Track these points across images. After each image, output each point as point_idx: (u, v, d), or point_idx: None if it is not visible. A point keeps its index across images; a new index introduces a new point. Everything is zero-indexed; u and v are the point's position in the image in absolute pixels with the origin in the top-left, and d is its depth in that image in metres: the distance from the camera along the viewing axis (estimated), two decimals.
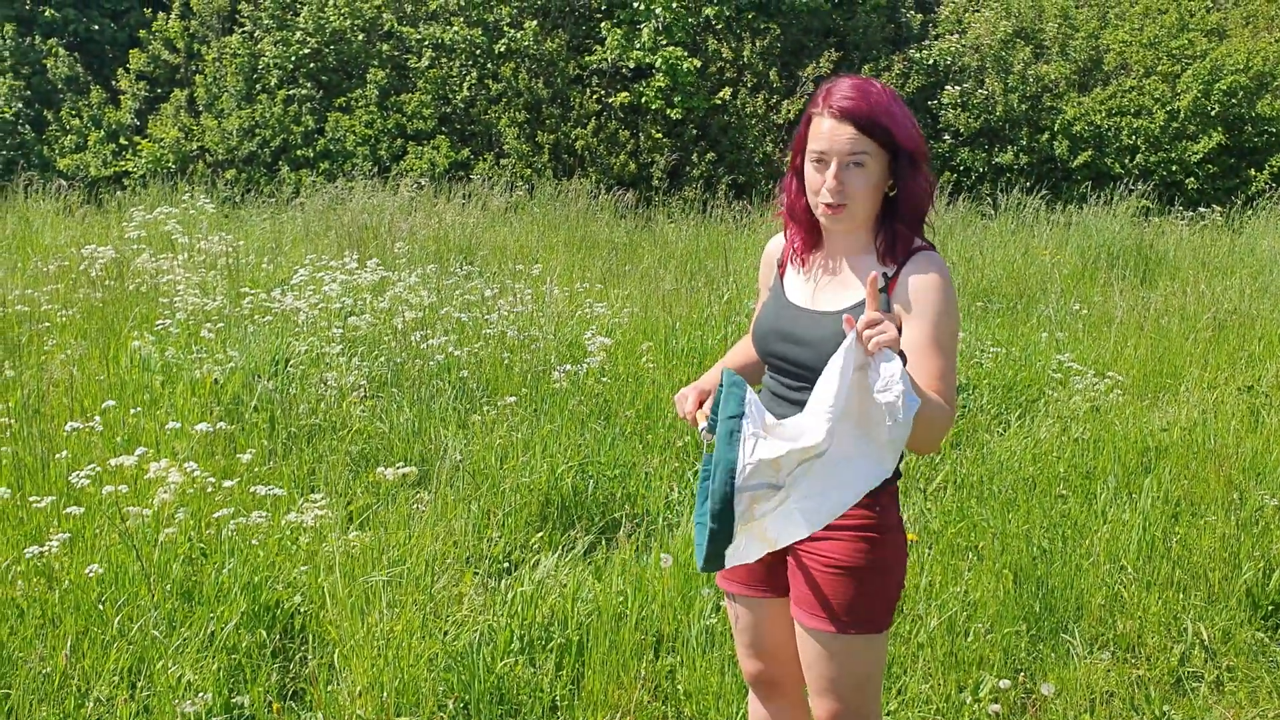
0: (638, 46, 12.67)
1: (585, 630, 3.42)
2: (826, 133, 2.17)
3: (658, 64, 12.52)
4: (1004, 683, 3.38)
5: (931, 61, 13.54)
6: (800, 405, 2.09)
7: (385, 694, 2.95)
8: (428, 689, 3.06)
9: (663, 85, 12.52)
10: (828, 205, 2.19)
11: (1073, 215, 11.57)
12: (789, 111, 12.82)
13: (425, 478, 4.53)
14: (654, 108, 12.60)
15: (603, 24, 13.05)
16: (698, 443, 5.08)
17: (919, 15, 14.20)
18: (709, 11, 12.79)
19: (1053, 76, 13.40)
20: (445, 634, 3.33)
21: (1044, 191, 12.46)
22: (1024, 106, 13.40)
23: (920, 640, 3.53)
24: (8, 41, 13.00)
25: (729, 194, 12.36)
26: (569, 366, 5.55)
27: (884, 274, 2.21)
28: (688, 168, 12.78)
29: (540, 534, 4.16)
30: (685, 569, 3.72)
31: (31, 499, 3.78)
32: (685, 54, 12.53)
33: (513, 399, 5.13)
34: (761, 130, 12.86)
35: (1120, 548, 4.13)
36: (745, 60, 12.91)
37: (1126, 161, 13.23)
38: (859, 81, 2.20)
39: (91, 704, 3.00)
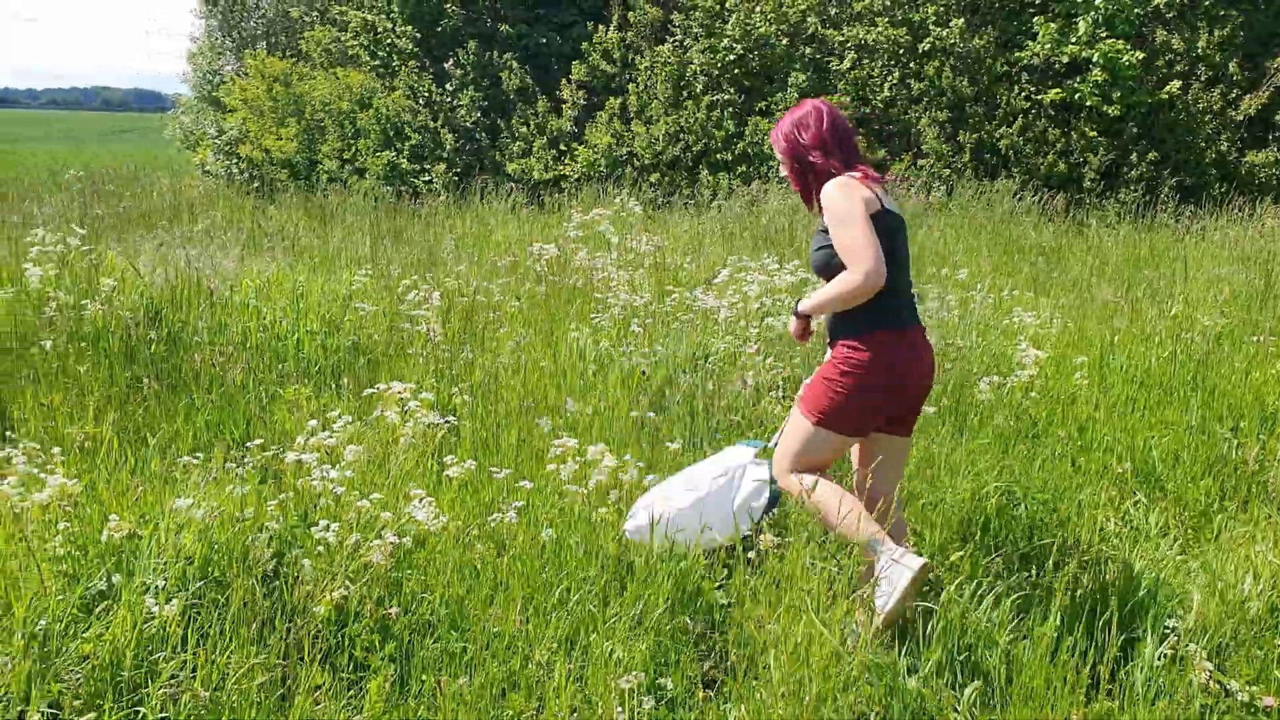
0: (1073, 40, 11.87)
1: (1009, 660, 3.22)
2: None
3: (1095, 58, 11.66)
4: None
5: None
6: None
7: (806, 697, 2.93)
8: (845, 701, 3.01)
9: (1100, 80, 11.65)
10: None
11: None
12: (1250, 107, 11.46)
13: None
14: (1089, 104, 11.75)
15: (1035, 18, 12.35)
16: (1142, 469, 4.64)
17: None
18: (1158, 0, 11.71)
19: None
20: (864, 645, 3.25)
21: None
22: None
23: None
24: (471, 56, 14.51)
25: (1174, 197, 11.27)
26: (995, 378, 5.28)
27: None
28: (1125, 168, 11.79)
29: (960, 553, 3.97)
30: (1130, 610, 3.40)
31: (490, 469, 4.15)
32: (1127, 46, 11.57)
33: (931, 410, 4.95)
34: (1216, 128, 11.60)
35: None
36: (1200, 52, 11.69)
37: None
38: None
39: (533, 666, 3.22)
